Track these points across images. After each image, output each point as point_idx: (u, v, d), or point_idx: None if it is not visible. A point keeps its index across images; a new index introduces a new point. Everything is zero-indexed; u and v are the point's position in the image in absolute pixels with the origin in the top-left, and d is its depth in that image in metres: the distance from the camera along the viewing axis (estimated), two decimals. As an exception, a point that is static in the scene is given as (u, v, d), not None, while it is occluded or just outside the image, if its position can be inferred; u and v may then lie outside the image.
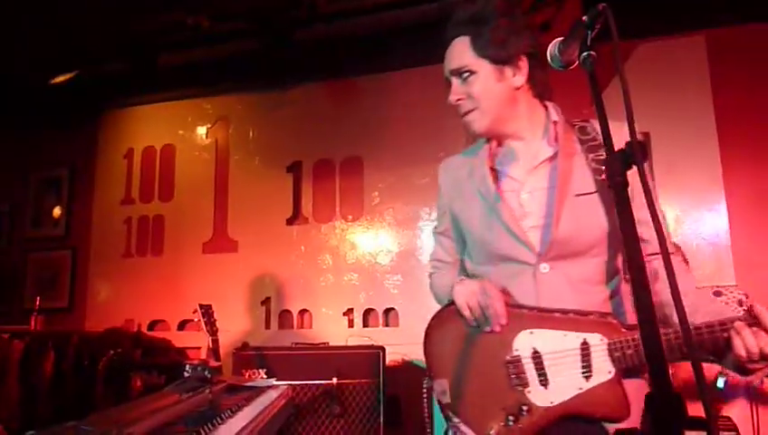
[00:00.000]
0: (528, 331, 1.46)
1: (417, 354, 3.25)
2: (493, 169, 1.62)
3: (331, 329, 4.11)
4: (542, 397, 1.42)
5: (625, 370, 1.37)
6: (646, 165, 0.94)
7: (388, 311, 4.10)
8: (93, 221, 4.81)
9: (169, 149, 4.77)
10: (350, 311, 4.14)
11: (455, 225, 1.74)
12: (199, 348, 4.05)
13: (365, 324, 4.11)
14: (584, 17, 1.10)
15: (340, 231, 4.28)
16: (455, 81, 1.60)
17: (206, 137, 4.71)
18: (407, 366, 3.74)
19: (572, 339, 1.41)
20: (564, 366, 1.41)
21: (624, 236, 0.83)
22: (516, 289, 1.52)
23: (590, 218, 1.47)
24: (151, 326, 4.48)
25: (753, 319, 1.27)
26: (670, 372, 0.76)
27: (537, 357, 1.44)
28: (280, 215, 4.39)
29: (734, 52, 3.77)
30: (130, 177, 4.81)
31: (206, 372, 2.06)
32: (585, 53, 1.07)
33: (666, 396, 0.73)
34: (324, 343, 3.85)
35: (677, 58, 3.79)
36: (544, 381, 1.42)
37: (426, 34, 4.01)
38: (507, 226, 1.53)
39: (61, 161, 4.95)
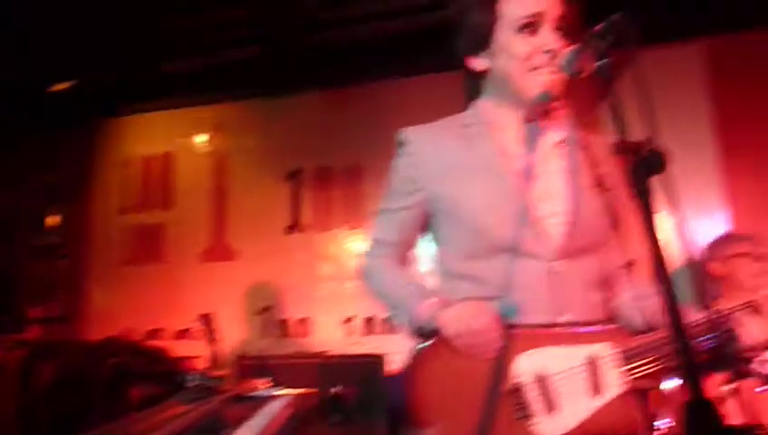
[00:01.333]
0: (529, 352, 1.29)
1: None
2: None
3: (332, 337, 4.09)
4: (552, 426, 1.25)
5: (637, 379, 1.29)
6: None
7: (389, 318, 4.08)
8: (91, 229, 4.79)
9: (168, 157, 4.76)
10: (351, 319, 4.12)
11: (431, 205, 1.47)
12: (198, 357, 4.02)
13: (366, 332, 4.09)
14: (598, 27, 1.10)
15: (341, 239, 4.27)
16: (555, 31, 1.35)
17: (206, 145, 4.69)
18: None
19: (579, 354, 1.28)
20: (573, 386, 1.27)
21: (652, 248, 0.82)
22: (524, 289, 1.32)
23: (605, 215, 1.39)
24: (149, 335, 4.44)
25: (751, 308, 1.27)
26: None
27: (541, 381, 1.28)
28: (279, 223, 4.38)
29: (735, 60, 3.79)
30: (129, 185, 4.78)
31: (210, 382, 2.04)
32: (601, 62, 1.07)
33: (701, 404, 0.72)
34: (325, 352, 3.83)
35: (677, 66, 3.81)
36: (552, 408, 1.26)
37: (423, 45, 4.06)
38: (526, 213, 1.33)
39: (58, 169, 4.92)
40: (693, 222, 3.60)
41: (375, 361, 3.35)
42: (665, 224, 0.97)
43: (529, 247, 1.33)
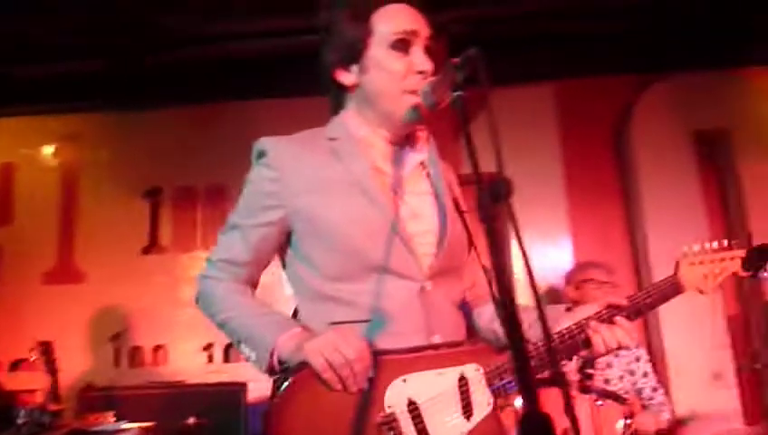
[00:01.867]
0: (400, 379, 1.24)
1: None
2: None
3: (189, 365, 3.88)
4: None
5: (499, 397, 1.30)
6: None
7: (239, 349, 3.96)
8: None
9: (10, 167, 4.32)
10: (210, 346, 3.94)
11: (293, 223, 1.36)
12: (35, 391, 3.64)
13: (226, 360, 3.93)
14: (455, 60, 1.14)
15: (202, 261, 4.08)
16: (421, 50, 1.36)
17: (53, 157, 4.32)
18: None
19: (449, 376, 1.27)
20: (444, 411, 1.25)
21: (496, 274, 0.86)
22: (400, 310, 1.28)
23: (464, 237, 1.41)
24: (-23, 367, 3.96)
25: (605, 315, 1.38)
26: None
27: (414, 409, 1.23)
28: (135, 243, 4.12)
29: (581, 102, 4.18)
30: (-41, 197, 4.28)
31: (45, 417, 1.84)
32: (456, 94, 1.11)
33: (536, 415, 0.76)
34: (181, 381, 3.63)
35: (529, 104, 4.11)
36: None
37: (292, 66, 4.04)
38: (398, 231, 1.30)
39: None
40: (542, 249, 3.88)
41: (236, 389, 3.23)
42: (514, 251, 1.02)
43: (400, 268, 1.30)
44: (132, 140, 4.25)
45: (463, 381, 1.28)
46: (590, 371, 2.58)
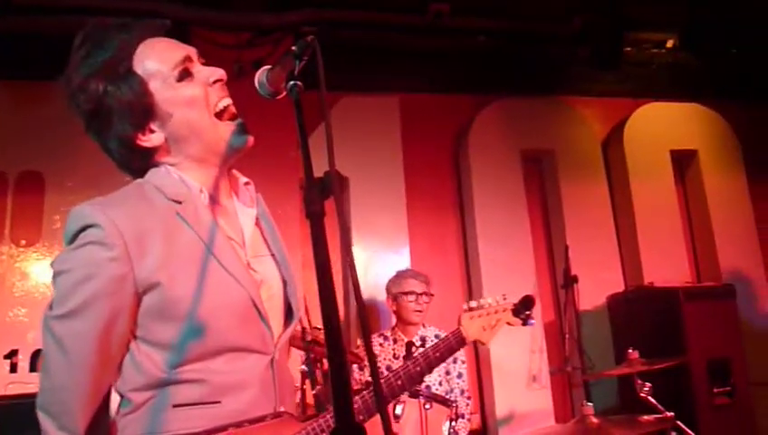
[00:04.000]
0: None
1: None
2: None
3: (-12, 375, 3.42)
4: None
5: None
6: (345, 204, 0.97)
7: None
8: None
9: None
10: (15, 353, 3.50)
11: (137, 303, 1.16)
12: None
13: (33, 369, 3.51)
14: (293, 47, 1.09)
15: (8, 257, 3.62)
16: (200, 66, 1.28)
17: None
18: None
19: None
20: None
21: (318, 271, 0.81)
22: (257, 384, 1.21)
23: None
24: None
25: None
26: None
27: None
28: (-77, 234, 3.55)
29: (423, 115, 4.33)
30: None
31: None
32: (292, 82, 1.06)
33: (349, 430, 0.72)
34: (-26, 393, 3.17)
35: (375, 114, 4.18)
36: None
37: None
38: (258, 308, 1.22)
39: None
40: (383, 256, 3.94)
41: (31, 402, 2.89)
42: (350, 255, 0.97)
43: (258, 344, 1.23)
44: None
45: None
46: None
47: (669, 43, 4.41)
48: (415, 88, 4.32)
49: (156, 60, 1.24)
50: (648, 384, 2.73)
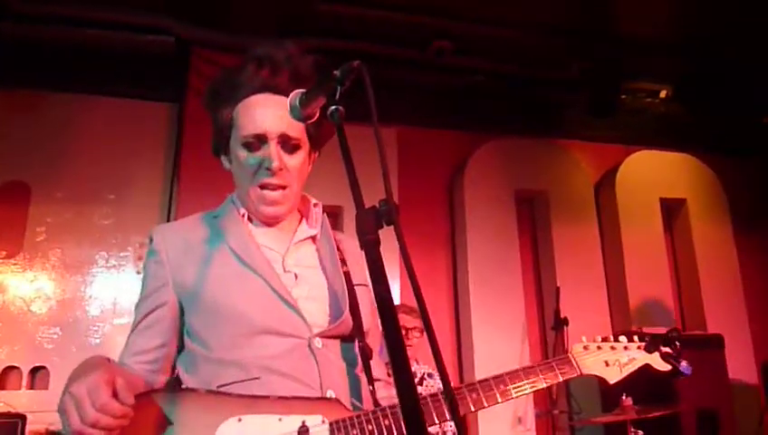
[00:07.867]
0: (236, 418, 1.22)
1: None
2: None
3: (-47, 392, 3.26)
4: None
5: None
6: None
7: (36, 370, 3.44)
8: None
9: None
10: (-15, 368, 3.37)
11: (179, 300, 1.39)
12: None
13: (2, 386, 3.37)
14: (336, 71, 1.06)
15: (-7, 269, 3.50)
16: (277, 147, 1.37)
17: None
18: (54, 439, 3.14)
19: (289, 423, 1.24)
20: None
21: (378, 301, 0.77)
22: (294, 365, 1.30)
23: (364, 307, 1.46)
24: None
25: None
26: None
27: None
28: None
29: (420, 148, 4.34)
30: None
31: None
32: (333, 107, 1.03)
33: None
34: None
35: (372, 144, 4.09)
36: None
37: (124, 64, 3.70)
38: (280, 294, 1.35)
39: None
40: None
41: (11, 421, 2.77)
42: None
43: (290, 328, 1.34)
44: None
45: (304, 429, 1.24)
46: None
47: (663, 94, 4.51)
48: (413, 121, 4.33)
49: (242, 117, 1.40)
50: (640, 432, 2.70)
